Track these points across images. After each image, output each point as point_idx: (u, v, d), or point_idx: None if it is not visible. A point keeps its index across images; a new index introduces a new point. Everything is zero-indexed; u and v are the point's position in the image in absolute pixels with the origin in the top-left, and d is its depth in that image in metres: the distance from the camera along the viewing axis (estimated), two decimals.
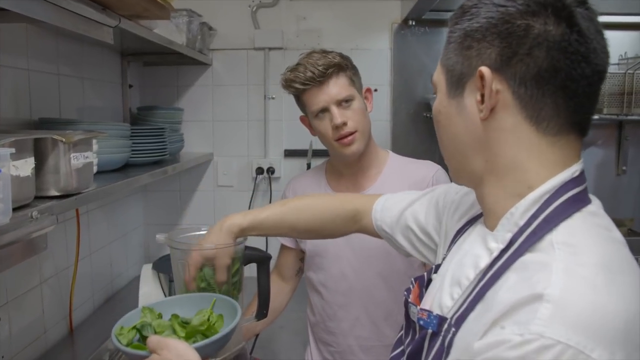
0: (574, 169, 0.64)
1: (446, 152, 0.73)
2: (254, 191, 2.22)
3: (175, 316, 0.92)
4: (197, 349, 0.78)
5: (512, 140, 0.64)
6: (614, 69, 2.08)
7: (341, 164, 1.39)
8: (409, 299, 0.78)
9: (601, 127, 2.14)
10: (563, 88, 0.61)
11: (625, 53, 2.10)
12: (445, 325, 0.65)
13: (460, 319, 0.63)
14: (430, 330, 0.68)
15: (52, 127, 1.26)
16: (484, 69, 0.62)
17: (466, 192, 0.86)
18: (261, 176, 2.21)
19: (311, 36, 2.16)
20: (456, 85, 0.67)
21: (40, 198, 0.94)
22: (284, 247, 1.50)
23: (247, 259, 1.11)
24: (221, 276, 1.03)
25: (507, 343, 0.52)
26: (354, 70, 1.35)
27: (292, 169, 2.18)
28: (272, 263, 1.25)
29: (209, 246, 1.02)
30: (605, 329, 0.51)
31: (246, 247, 1.10)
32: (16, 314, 1.31)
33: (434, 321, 0.67)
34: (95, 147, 1.12)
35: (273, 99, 2.18)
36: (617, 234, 0.64)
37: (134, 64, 2.05)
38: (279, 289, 1.48)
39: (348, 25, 2.15)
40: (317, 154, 2.09)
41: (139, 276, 1.74)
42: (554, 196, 0.62)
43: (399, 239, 1.01)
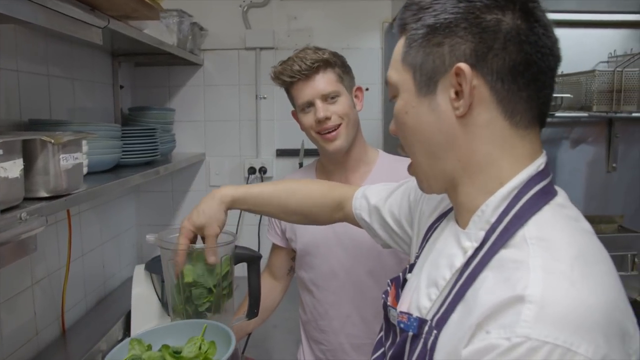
0: (539, 162, 0.65)
1: (415, 156, 0.71)
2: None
3: (165, 347, 0.90)
4: None
5: (487, 136, 0.63)
6: (603, 67, 2.09)
7: (330, 162, 1.39)
8: (387, 301, 0.78)
9: (591, 124, 2.15)
10: (535, 81, 0.62)
11: (615, 51, 2.12)
12: (426, 328, 0.65)
13: (441, 320, 0.63)
14: (411, 333, 0.68)
15: (42, 128, 1.26)
16: (463, 65, 0.61)
17: None
18: (253, 176, 2.21)
19: (302, 36, 2.16)
20: (427, 83, 0.65)
21: (29, 199, 0.93)
22: (275, 247, 1.50)
23: (237, 259, 1.11)
24: (211, 245, 1.02)
25: (496, 349, 0.52)
26: (344, 69, 1.36)
27: (284, 169, 2.19)
28: (264, 263, 1.26)
29: (198, 246, 1.03)
30: (588, 323, 0.52)
31: (237, 247, 1.10)
32: (8, 315, 1.31)
33: (414, 324, 0.67)
34: (85, 148, 1.12)
35: (265, 98, 2.18)
36: (585, 224, 0.65)
37: (125, 65, 2.04)
38: (270, 288, 1.48)
39: (339, 24, 2.16)
40: (309, 153, 2.09)
41: (131, 277, 1.74)
42: (522, 191, 0.63)
43: (377, 229, 1.02)
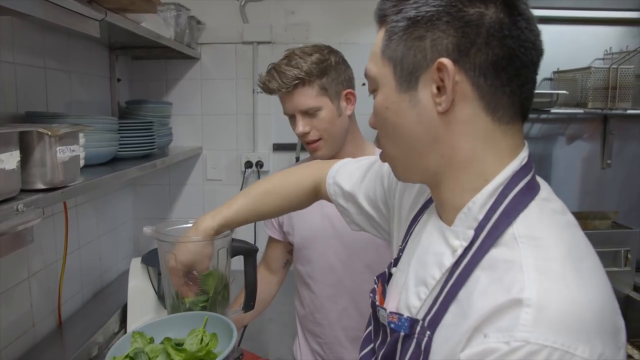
0: (522, 156, 0.65)
1: (395, 151, 0.70)
2: (242, 185, 2.22)
3: (167, 339, 0.91)
4: None
5: (469, 132, 0.63)
6: (599, 64, 2.11)
7: None
8: (375, 301, 0.77)
9: (586, 121, 2.16)
10: (518, 75, 0.62)
11: (610, 48, 2.13)
12: (418, 328, 0.65)
13: (434, 321, 0.63)
14: (402, 333, 0.67)
15: (39, 120, 1.26)
16: (446, 61, 0.60)
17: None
18: (250, 170, 2.21)
19: (300, 30, 2.16)
20: (408, 78, 0.64)
21: (26, 191, 0.93)
22: (271, 240, 1.51)
23: (234, 252, 1.12)
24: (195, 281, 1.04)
25: (495, 353, 0.52)
26: (329, 77, 1.30)
27: (280, 163, 2.19)
28: (260, 255, 1.26)
29: (195, 238, 1.03)
30: (584, 325, 0.53)
31: (233, 240, 1.11)
32: (4, 308, 1.31)
33: (406, 324, 0.67)
34: (82, 140, 1.12)
35: (262, 92, 2.17)
36: (570, 217, 0.65)
37: (122, 58, 2.04)
38: (266, 281, 1.49)
39: (336, 19, 2.16)
40: (305, 148, 2.09)
41: (128, 270, 1.75)
42: (507, 187, 0.63)
43: (354, 214, 1.01)
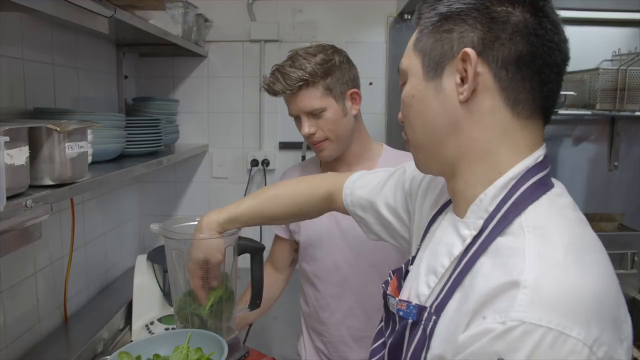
0: (538, 154, 0.67)
1: (418, 139, 0.73)
2: (248, 183, 2.22)
3: (156, 356, 0.94)
4: None
5: (488, 123, 0.65)
6: (607, 65, 2.09)
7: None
8: (387, 290, 0.79)
9: (594, 122, 2.15)
10: (540, 73, 0.64)
11: (619, 49, 2.12)
12: (425, 314, 0.66)
13: (440, 307, 0.65)
14: (410, 320, 0.69)
15: (47, 116, 1.26)
16: (469, 51, 0.63)
17: (433, 177, 0.86)
18: (256, 168, 2.21)
19: (307, 29, 2.16)
20: (434, 67, 0.68)
21: (34, 187, 0.94)
22: (277, 238, 1.51)
23: (240, 250, 1.12)
24: (215, 272, 1.06)
25: (490, 333, 0.53)
26: (334, 76, 1.29)
27: (286, 162, 2.19)
28: (266, 254, 1.26)
29: (202, 235, 1.03)
30: (580, 308, 0.53)
31: (240, 238, 1.11)
32: (10, 303, 1.32)
33: (414, 311, 0.68)
34: (90, 137, 1.12)
35: None
36: (581, 215, 0.66)
37: (129, 55, 2.04)
38: (272, 279, 1.49)
39: (344, 18, 2.15)
40: (311, 147, 2.09)
41: (133, 267, 1.75)
42: (520, 181, 0.65)
43: (372, 224, 1.01)
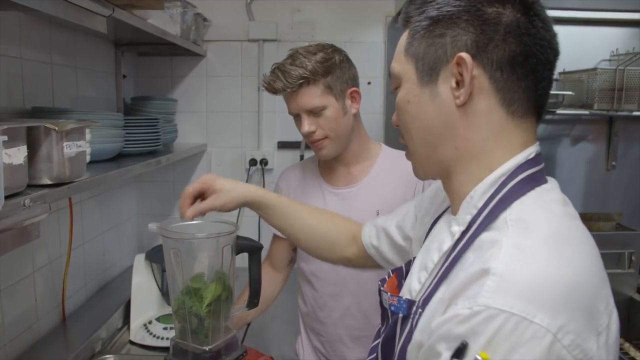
0: (530, 151, 0.67)
1: (414, 144, 0.73)
2: (247, 182, 2.22)
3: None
4: None
5: (484, 124, 0.66)
6: (605, 65, 2.09)
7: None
8: (381, 287, 0.80)
9: (592, 122, 2.15)
10: (534, 72, 0.65)
11: (617, 49, 2.12)
12: (414, 308, 0.68)
13: (427, 300, 0.66)
14: (401, 315, 0.70)
15: (45, 116, 1.26)
16: (464, 55, 0.64)
17: (437, 190, 0.89)
18: (254, 167, 2.21)
19: (305, 29, 2.16)
20: (429, 72, 0.68)
21: (33, 186, 0.94)
22: (276, 237, 1.51)
23: (239, 249, 1.12)
24: (205, 206, 1.07)
25: (458, 317, 0.55)
26: (334, 76, 1.29)
27: (285, 161, 2.19)
28: (264, 253, 1.26)
29: (201, 235, 1.03)
30: (546, 295, 0.53)
31: (238, 237, 1.11)
32: (9, 302, 1.32)
33: (404, 305, 0.69)
34: (88, 136, 1.12)
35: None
36: (571, 210, 0.67)
37: (127, 54, 2.04)
38: (270, 278, 1.49)
39: (342, 18, 2.16)
40: (310, 146, 2.09)
41: (131, 266, 1.75)
42: (509, 177, 0.66)
43: (386, 252, 1.05)
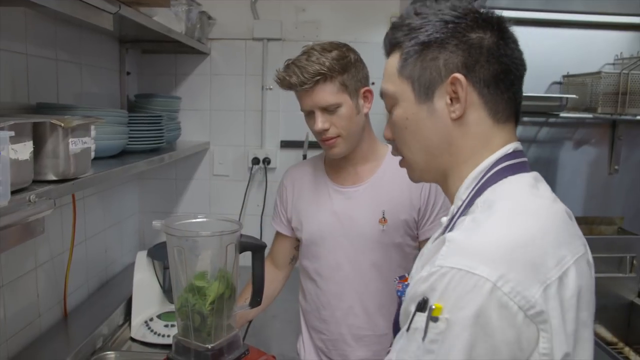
0: (508, 148, 0.77)
1: (414, 157, 0.83)
2: (249, 181, 2.23)
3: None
4: None
5: (474, 133, 0.77)
6: (609, 69, 2.09)
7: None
8: (395, 279, 0.89)
9: (595, 126, 2.15)
10: (512, 85, 0.77)
11: (621, 53, 2.12)
12: None
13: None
14: (403, 297, 0.78)
15: (50, 112, 1.27)
16: (459, 76, 0.74)
17: None
18: (257, 166, 2.21)
19: (310, 28, 2.16)
20: (425, 92, 0.78)
21: (38, 182, 0.94)
22: (278, 235, 1.51)
23: (242, 247, 1.12)
24: None
25: (420, 279, 0.66)
26: (349, 74, 1.29)
27: (288, 160, 2.19)
28: (267, 251, 1.27)
29: (204, 233, 1.04)
30: (488, 252, 0.63)
31: (242, 236, 1.11)
32: (11, 297, 1.32)
33: (406, 289, 0.77)
34: (93, 132, 1.13)
35: (270, 89, 2.18)
36: (545, 192, 0.74)
37: (132, 52, 2.04)
38: (272, 276, 1.49)
39: (347, 18, 2.16)
40: (313, 145, 2.10)
41: (133, 263, 1.75)
42: (488, 170, 0.76)
43: None
